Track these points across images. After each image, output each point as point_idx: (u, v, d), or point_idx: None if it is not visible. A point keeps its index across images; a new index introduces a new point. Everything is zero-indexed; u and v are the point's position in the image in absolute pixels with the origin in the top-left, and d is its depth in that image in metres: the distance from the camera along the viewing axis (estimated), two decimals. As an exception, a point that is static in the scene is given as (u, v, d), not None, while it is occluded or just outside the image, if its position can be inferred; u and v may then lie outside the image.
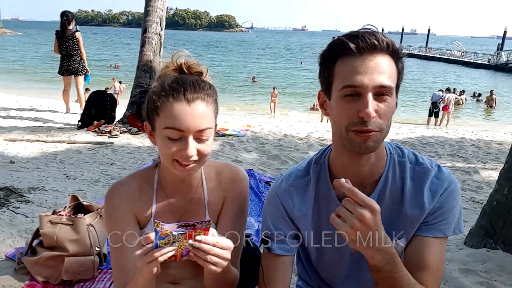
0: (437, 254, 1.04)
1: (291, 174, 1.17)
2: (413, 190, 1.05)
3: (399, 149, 1.11)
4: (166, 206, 1.15)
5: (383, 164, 1.06)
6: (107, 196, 1.14)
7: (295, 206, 1.13)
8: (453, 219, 1.05)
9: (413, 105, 16.98)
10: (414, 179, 1.05)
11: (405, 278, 0.97)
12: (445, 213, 1.04)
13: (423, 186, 1.04)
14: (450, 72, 32.91)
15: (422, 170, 1.06)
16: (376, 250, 0.92)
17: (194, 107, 1.01)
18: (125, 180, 1.17)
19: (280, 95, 14.60)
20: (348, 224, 0.88)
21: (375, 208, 0.88)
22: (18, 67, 25.29)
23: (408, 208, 1.04)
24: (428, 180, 1.04)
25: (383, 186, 1.06)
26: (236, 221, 1.20)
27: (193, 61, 1.10)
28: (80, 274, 2.06)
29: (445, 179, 1.04)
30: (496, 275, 2.33)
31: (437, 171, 1.05)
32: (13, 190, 3.31)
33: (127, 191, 1.14)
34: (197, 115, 1.01)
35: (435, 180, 1.04)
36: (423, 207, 1.03)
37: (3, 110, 7.75)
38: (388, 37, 0.96)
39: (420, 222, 1.05)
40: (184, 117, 1.00)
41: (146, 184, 1.16)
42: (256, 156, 5.30)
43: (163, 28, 6.85)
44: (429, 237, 1.04)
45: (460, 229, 1.06)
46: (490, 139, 7.66)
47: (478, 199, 4.08)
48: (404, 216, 1.05)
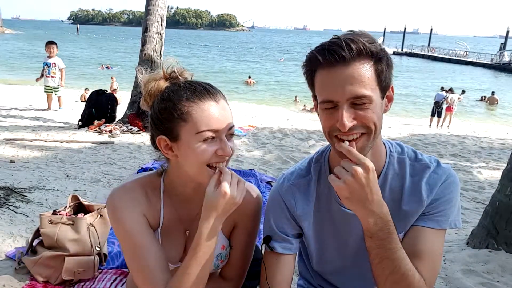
0: (433, 244, 1.04)
1: (292, 173, 1.18)
2: (411, 186, 1.06)
3: (399, 146, 1.12)
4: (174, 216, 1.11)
5: (382, 161, 1.08)
6: (111, 202, 1.07)
7: (297, 205, 1.14)
8: (450, 212, 1.05)
9: (415, 105, 16.95)
10: (413, 175, 1.07)
11: (399, 252, 0.96)
12: (442, 204, 1.04)
13: (421, 181, 1.05)
14: (452, 71, 32.85)
15: (421, 166, 1.07)
16: (369, 211, 0.94)
17: (222, 105, 1.01)
18: (130, 185, 1.10)
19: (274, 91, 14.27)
20: (342, 180, 0.92)
21: (368, 165, 0.92)
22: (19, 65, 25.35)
23: (406, 203, 1.06)
24: (426, 175, 1.05)
25: (382, 183, 1.07)
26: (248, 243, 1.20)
27: (181, 68, 1.07)
28: (81, 274, 2.05)
29: (444, 173, 1.06)
30: (498, 276, 2.32)
31: (436, 166, 1.07)
32: (14, 190, 3.31)
33: (133, 196, 1.08)
34: (226, 113, 1.02)
35: (433, 174, 1.06)
36: (421, 201, 1.04)
37: (4, 109, 7.75)
38: (362, 40, 0.94)
39: (418, 215, 1.06)
40: (217, 116, 0.99)
41: (152, 191, 1.11)
42: (257, 156, 5.29)
43: (163, 27, 6.84)
44: (425, 227, 1.05)
45: (456, 223, 1.06)
46: (493, 139, 7.64)
47: (481, 200, 4.06)
48: (404, 210, 1.06)
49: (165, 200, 1.12)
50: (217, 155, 0.99)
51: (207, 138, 0.98)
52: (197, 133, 0.97)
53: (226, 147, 0.99)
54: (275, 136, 6.62)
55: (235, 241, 1.18)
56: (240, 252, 1.19)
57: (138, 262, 1.04)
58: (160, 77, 1.05)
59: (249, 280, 1.31)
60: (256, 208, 1.18)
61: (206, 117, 0.97)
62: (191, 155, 0.99)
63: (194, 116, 0.97)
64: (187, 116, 0.97)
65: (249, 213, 1.17)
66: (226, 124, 1.00)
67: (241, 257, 1.20)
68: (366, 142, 0.98)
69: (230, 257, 1.19)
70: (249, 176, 3.99)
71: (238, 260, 1.20)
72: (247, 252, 1.21)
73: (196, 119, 0.97)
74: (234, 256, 1.19)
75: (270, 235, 1.15)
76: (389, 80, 1.00)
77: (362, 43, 0.94)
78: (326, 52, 0.94)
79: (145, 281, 1.04)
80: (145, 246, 1.04)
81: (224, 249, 1.17)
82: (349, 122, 0.94)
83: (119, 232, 1.08)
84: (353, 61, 0.93)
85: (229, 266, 1.20)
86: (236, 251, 1.18)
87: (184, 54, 38.30)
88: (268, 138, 6.44)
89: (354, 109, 0.94)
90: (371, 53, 0.95)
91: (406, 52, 49.87)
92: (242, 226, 1.18)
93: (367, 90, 0.94)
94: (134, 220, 1.06)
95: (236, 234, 1.18)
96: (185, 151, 1.00)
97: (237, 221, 1.17)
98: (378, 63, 0.96)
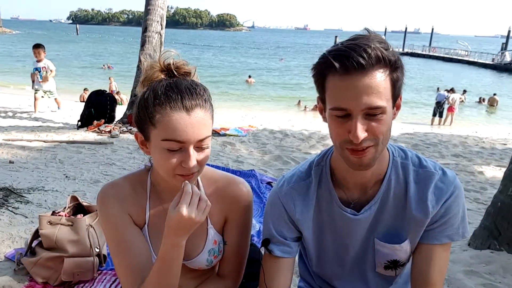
0: (444, 262, 1.05)
1: (292, 176, 1.16)
2: (416, 193, 1.03)
3: (402, 151, 1.09)
4: (161, 212, 1.11)
5: (385, 166, 1.05)
6: (100, 197, 1.11)
7: (296, 209, 1.12)
8: (460, 224, 1.04)
9: (416, 104, 16.93)
10: (418, 182, 1.04)
11: None
12: (451, 219, 1.03)
13: (427, 190, 1.02)
14: (453, 71, 32.85)
15: (426, 174, 1.04)
16: None
17: (193, 117, 0.96)
18: (119, 181, 1.13)
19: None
20: None
21: None
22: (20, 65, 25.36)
23: (413, 209, 1.03)
24: (432, 184, 1.02)
25: (386, 189, 1.05)
26: (241, 238, 1.19)
27: (181, 61, 1.05)
28: (80, 275, 2.04)
29: (450, 183, 1.02)
30: (500, 276, 2.31)
31: (442, 175, 1.03)
32: (13, 191, 3.29)
33: (120, 193, 1.10)
34: (197, 125, 0.97)
35: (439, 183, 1.02)
36: (427, 211, 1.02)
37: (3, 110, 7.74)
38: (379, 47, 0.88)
39: (425, 225, 1.04)
40: (184, 128, 0.95)
41: (140, 187, 1.13)
42: (258, 156, 5.27)
43: (163, 27, 6.84)
44: (437, 245, 1.04)
45: (465, 233, 1.05)
46: (494, 139, 7.63)
47: (482, 200, 4.05)
48: (409, 217, 1.04)
49: (152, 195, 1.13)
50: (181, 166, 0.98)
51: (170, 148, 0.97)
52: (162, 140, 0.97)
53: (189, 161, 0.96)
54: (275, 137, 6.61)
55: (227, 236, 1.18)
56: (233, 247, 1.19)
57: (120, 258, 1.08)
58: (157, 66, 1.05)
59: (248, 281, 1.31)
60: (245, 204, 1.18)
61: (172, 127, 0.95)
62: (157, 159, 1.00)
63: (162, 124, 0.96)
64: (156, 122, 0.97)
65: (239, 208, 1.17)
66: (195, 136, 0.96)
67: (236, 253, 1.19)
68: (374, 154, 0.94)
69: (225, 253, 1.19)
70: (249, 176, 3.98)
71: (233, 255, 1.19)
72: (241, 247, 1.20)
73: (163, 127, 0.96)
74: (228, 252, 1.19)
75: (268, 238, 1.14)
76: (400, 87, 0.95)
77: (379, 49, 0.88)
78: (344, 58, 0.87)
79: (122, 277, 1.08)
80: (127, 243, 1.07)
81: (216, 245, 1.16)
82: (362, 133, 0.89)
83: (104, 227, 1.12)
84: (371, 69, 0.87)
85: (225, 262, 1.21)
86: (230, 247, 1.18)
87: (183, 55, 38.29)
88: (268, 139, 6.42)
89: (367, 120, 0.90)
90: (389, 61, 0.89)
91: (407, 52, 49.80)
92: (233, 221, 1.18)
93: (383, 101, 0.89)
94: (119, 217, 1.08)
95: (228, 229, 1.18)
96: (154, 154, 1.01)
97: (227, 216, 1.17)
98: (395, 72, 0.91)
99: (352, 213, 1.07)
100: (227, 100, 15.14)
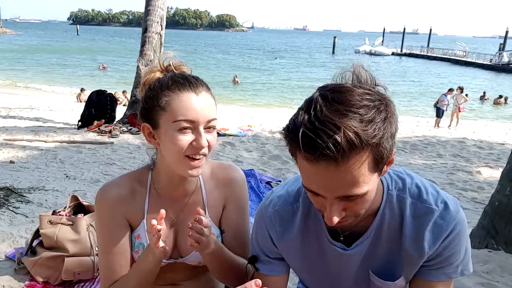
0: None
1: (280, 197, 1.06)
2: (413, 230, 0.93)
3: (401, 180, 0.97)
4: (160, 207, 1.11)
5: (379, 200, 0.94)
6: (98, 196, 1.13)
7: (278, 236, 1.05)
8: (460, 261, 0.95)
9: (415, 105, 16.94)
10: (415, 217, 0.93)
11: None
12: (450, 257, 0.93)
13: (424, 228, 0.91)
14: (452, 72, 32.86)
15: (425, 209, 0.92)
16: None
17: (202, 97, 1.02)
18: (117, 181, 1.15)
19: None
20: None
21: None
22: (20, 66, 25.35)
23: (408, 246, 0.93)
24: (430, 222, 0.91)
25: (380, 223, 0.96)
26: (241, 221, 1.21)
27: (179, 62, 1.11)
28: (80, 275, 2.05)
29: (451, 219, 0.91)
30: (498, 276, 2.32)
31: (443, 209, 0.91)
32: (13, 190, 3.31)
33: (118, 193, 1.12)
34: (206, 105, 1.02)
35: (439, 220, 0.91)
36: (422, 251, 0.92)
37: (4, 110, 7.75)
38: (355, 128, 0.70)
39: (420, 265, 0.95)
40: (194, 107, 1.00)
41: (139, 185, 1.15)
42: (257, 156, 5.29)
43: (163, 28, 6.85)
44: (433, 282, 0.96)
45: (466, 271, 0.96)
46: (492, 139, 7.65)
47: (480, 200, 4.07)
48: (405, 253, 0.95)
49: (152, 191, 1.15)
50: (192, 146, 1.01)
51: (182, 128, 1.00)
52: (173, 122, 1.00)
53: (201, 139, 1.00)
54: (274, 137, 6.62)
55: (226, 221, 1.19)
56: (233, 232, 1.19)
57: (102, 258, 1.13)
58: (157, 69, 1.09)
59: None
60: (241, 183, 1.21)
61: (183, 107, 1.00)
62: (168, 144, 1.02)
63: (172, 106, 1.00)
64: (166, 105, 1.01)
65: (235, 188, 1.20)
66: (204, 116, 1.01)
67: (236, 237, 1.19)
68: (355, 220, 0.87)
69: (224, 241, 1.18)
70: (249, 176, 3.99)
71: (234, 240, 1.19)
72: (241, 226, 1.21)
73: (174, 109, 1.00)
74: (228, 238, 1.19)
75: (256, 256, 1.09)
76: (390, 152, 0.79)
77: (354, 132, 0.70)
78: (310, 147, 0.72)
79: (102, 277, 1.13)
80: (112, 245, 1.11)
81: None
82: (338, 216, 0.80)
83: (96, 226, 1.16)
84: (343, 160, 0.71)
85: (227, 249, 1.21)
86: (229, 232, 1.19)
87: (183, 55, 38.34)
88: (267, 138, 6.44)
89: (344, 201, 0.79)
90: (367, 142, 0.71)
91: (405, 52, 49.86)
92: (231, 203, 1.20)
93: (362, 188, 0.76)
94: (110, 219, 1.12)
95: (227, 215, 1.20)
96: (164, 139, 1.03)
97: (226, 200, 1.19)
98: (378, 147, 0.74)
99: (342, 247, 0.98)
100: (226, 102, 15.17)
